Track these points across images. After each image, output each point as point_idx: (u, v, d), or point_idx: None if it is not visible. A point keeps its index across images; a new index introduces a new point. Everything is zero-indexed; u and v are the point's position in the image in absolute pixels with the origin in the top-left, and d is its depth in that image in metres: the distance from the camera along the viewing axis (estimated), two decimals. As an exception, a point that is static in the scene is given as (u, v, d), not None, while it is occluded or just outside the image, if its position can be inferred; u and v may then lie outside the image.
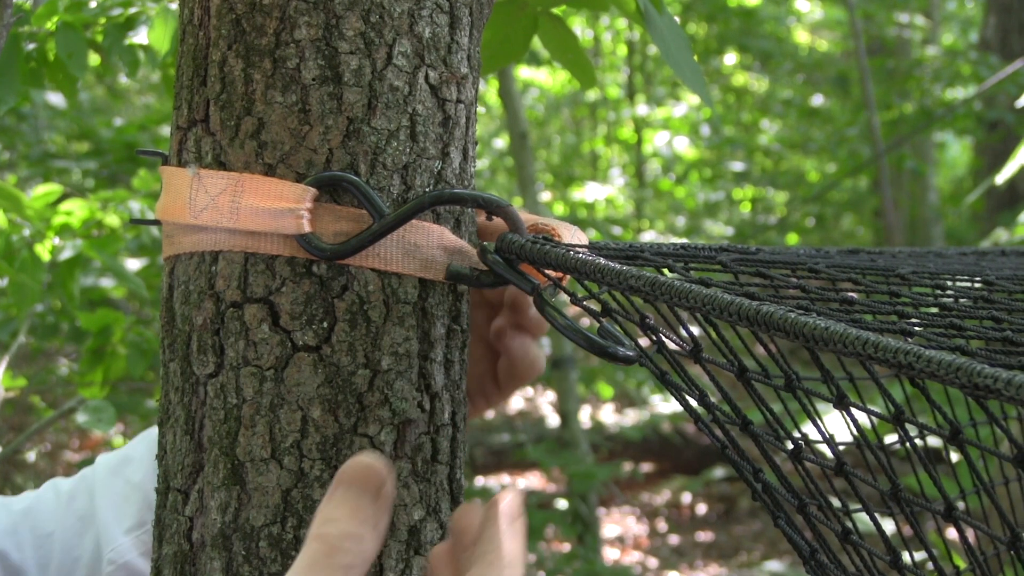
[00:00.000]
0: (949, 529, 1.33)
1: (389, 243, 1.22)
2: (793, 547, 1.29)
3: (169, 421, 1.28)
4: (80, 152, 7.09)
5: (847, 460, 1.16)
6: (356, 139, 1.22)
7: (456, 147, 1.30)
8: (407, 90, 1.25)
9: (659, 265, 1.21)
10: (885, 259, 1.55)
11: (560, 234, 1.31)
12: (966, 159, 16.07)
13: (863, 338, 0.94)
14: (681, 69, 1.77)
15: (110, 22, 2.65)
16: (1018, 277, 1.47)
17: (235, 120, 1.23)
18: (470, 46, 1.33)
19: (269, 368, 1.21)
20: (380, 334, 1.23)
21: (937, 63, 11.75)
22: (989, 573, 1.24)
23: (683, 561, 8.87)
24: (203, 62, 1.26)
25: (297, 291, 1.21)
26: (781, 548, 8.77)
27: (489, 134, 13.20)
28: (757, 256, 1.36)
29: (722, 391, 1.24)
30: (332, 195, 1.22)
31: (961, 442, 0.96)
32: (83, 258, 3.29)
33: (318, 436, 1.20)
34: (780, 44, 13.41)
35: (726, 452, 1.28)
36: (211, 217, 1.22)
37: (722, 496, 10.29)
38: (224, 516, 1.21)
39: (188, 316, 1.25)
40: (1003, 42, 10.58)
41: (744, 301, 1.03)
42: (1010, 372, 0.84)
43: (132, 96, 12.18)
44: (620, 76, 14.62)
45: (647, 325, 1.18)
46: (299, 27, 1.21)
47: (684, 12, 12.19)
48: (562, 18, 1.92)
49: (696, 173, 14.39)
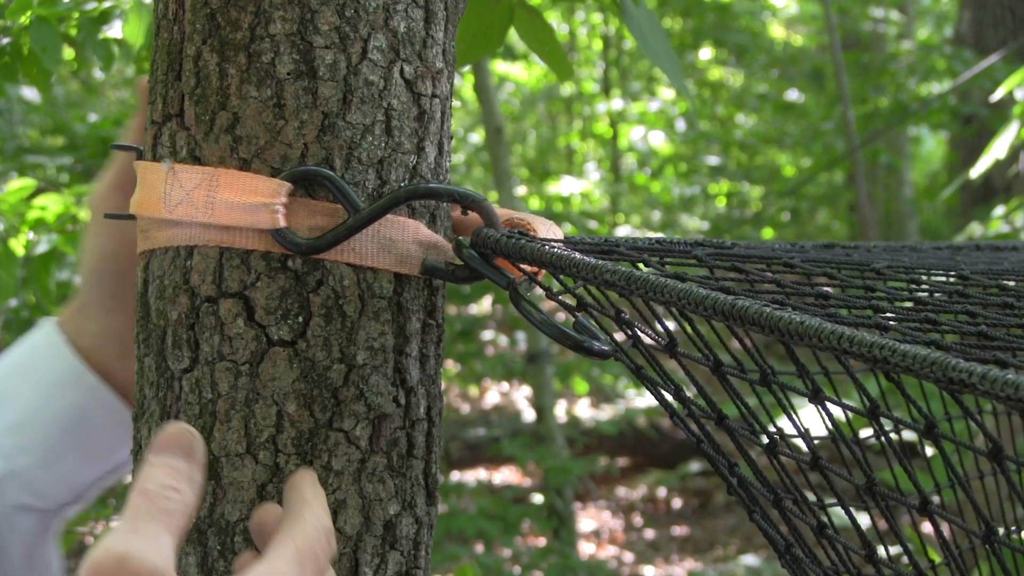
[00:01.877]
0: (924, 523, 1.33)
1: (364, 238, 1.22)
2: (769, 541, 1.30)
3: (144, 416, 1.28)
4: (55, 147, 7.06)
5: (822, 454, 1.16)
6: (331, 134, 1.22)
7: (431, 142, 1.30)
8: (382, 85, 1.25)
9: (634, 260, 1.21)
10: (860, 254, 1.55)
11: (535, 229, 1.31)
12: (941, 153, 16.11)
13: (838, 332, 0.94)
14: (658, 58, 1.77)
15: (84, 16, 2.64)
16: (992, 272, 1.47)
17: (210, 115, 1.22)
18: (445, 40, 1.33)
19: (244, 363, 1.21)
20: (355, 329, 1.23)
21: (912, 57, 11.78)
22: (964, 567, 1.24)
23: (658, 555, 8.89)
24: (178, 57, 1.26)
25: (272, 286, 1.21)
26: (756, 542, 8.79)
27: (464, 128, 13.20)
28: (732, 251, 1.36)
29: (697, 386, 1.24)
30: (307, 190, 1.22)
31: (936, 436, 0.96)
32: (58, 253, 3.28)
33: (293, 431, 1.20)
34: (755, 39, 13.42)
35: (701, 446, 1.28)
36: (186, 212, 1.21)
37: (697, 490, 10.31)
38: (199, 511, 1.21)
39: (163, 311, 1.25)
40: (977, 37, 10.60)
41: (719, 295, 1.04)
42: (985, 366, 0.84)
43: (107, 90, 12.15)
44: (596, 71, 14.63)
45: (622, 320, 1.18)
46: (274, 21, 1.21)
47: (660, 7, 12.19)
48: (538, 10, 1.92)
49: (671, 167, 14.41)
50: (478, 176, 13.13)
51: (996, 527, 1.03)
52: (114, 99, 12.30)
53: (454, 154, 1.40)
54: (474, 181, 12.90)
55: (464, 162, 13.08)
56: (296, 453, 1.20)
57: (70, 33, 2.69)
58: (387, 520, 1.25)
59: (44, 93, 2.76)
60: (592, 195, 13.33)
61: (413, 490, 1.28)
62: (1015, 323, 1.10)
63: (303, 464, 1.20)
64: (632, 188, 14.38)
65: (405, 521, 1.26)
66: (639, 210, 14.18)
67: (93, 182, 1.56)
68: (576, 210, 12.72)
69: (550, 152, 15.01)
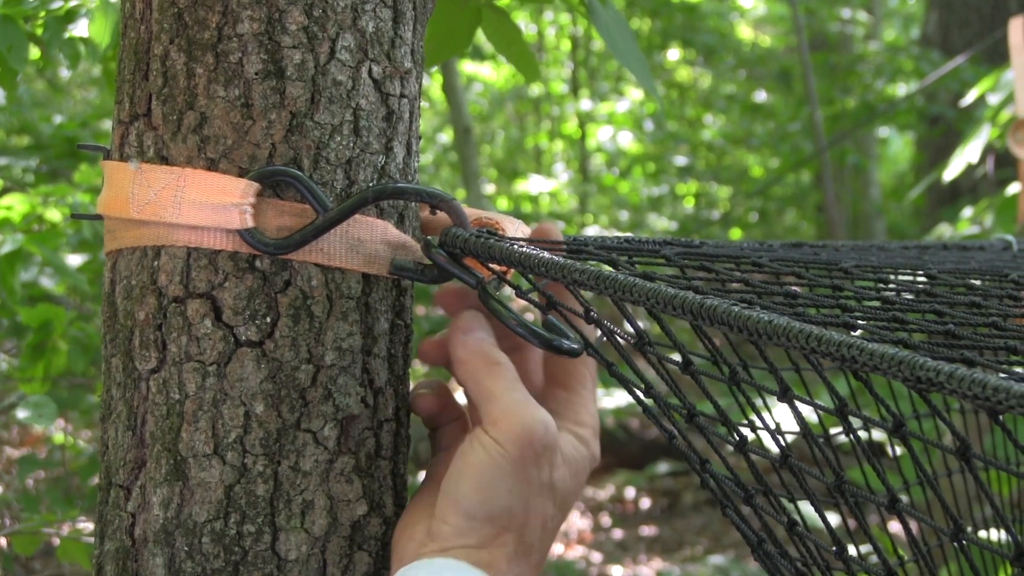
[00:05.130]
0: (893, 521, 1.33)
1: (332, 238, 1.22)
2: (742, 535, 1.30)
3: (111, 417, 1.28)
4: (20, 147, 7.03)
5: (792, 453, 1.16)
6: (299, 133, 1.22)
7: (400, 142, 1.30)
8: (350, 85, 1.25)
9: (603, 259, 1.21)
10: (828, 253, 1.56)
11: (504, 228, 1.31)
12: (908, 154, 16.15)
13: (806, 331, 0.94)
14: (626, 59, 1.78)
15: (50, 15, 2.63)
16: (960, 271, 1.48)
17: (177, 114, 1.22)
18: (414, 40, 1.33)
19: (212, 363, 1.20)
20: (323, 329, 1.22)
21: (879, 58, 11.81)
22: (932, 565, 1.24)
23: (627, 555, 8.88)
24: (145, 56, 1.26)
25: (240, 286, 1.20)
26: (725, 542, 8.80)
27: (433, 129, 13.18)
28: (701, 250, 1.36)
29: (668, 382, 1.24)
30: (275, 190, 1.22)
31: (904, 435, 0.97)
32: (24, 253, 3.27)
33: (261, 431, 1.20)
34: (723, 39, 13.44)
35: (674, 442, 1.28)
36: (153, 212, 1.21)
37: (666, 491, 10.31)
38: (166, 512, 1.21)
39: (130, 311, 1.25)
40: (944, 38, 10.63)
41: (688, 295, 1.04)
42: (952, 365, 0.84)
43: (73, 90, 12.10)
44: (564, 71, 14.63)
45: (592, 318, 1.18)
46: (242, 21, 1.21)
47: (628, 7, 12.20)
48: (506, 11, 1.92)
49: (640, 168, 14.41)
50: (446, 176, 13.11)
51: (964, 525, 1.03)
52: (80, 99, 12.25)
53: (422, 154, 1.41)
54: (442, 181, 12.89)
55: (432, 162, 13.07)
56: (264, 454, 1.20)
57: (36, 32, 2.68)
58: (355, 521, 1.25)
59: (10, 93, 2.75)
60: (561, 195, 13.32)
61: (381, 491, 1.28)
62: (982, 322, 1.11)
63: (270, 465, 1.20)
64: (600, 188, 14.37)
65: (373, 522, 1.26)
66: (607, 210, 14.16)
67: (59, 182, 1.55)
68: (545, 210, 12.72)
69: (518, 152, 14.99)
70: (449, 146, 12.62)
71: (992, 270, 1.54)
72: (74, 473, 4.30)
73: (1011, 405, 0.80)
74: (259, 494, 1.20)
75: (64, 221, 3.54)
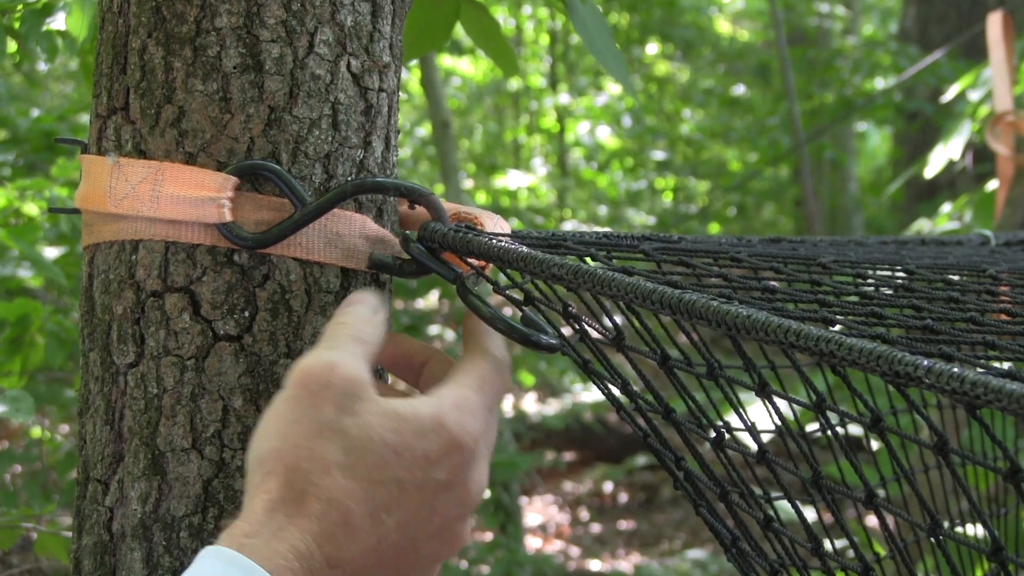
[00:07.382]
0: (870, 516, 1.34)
1: (311, 232, 1.22)
2: (715, 535, 1.30)
3: (89, 411, 1.27)
4: (-4, 140, 7.01)
5: (769, 448, 1.16)
6: (278, 128, 1.21)
7: (378, 136, 1.30)
8: (329, 79, 1.24)
9: (582, 254, 1.21)
10: (806, 248, 1.56)
11: (483, 223, 1.31)
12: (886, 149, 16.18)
13: (785, 326, 0.94)
14: (603, 56, 1.78)
15: (27, 8, 2.62)
16: (938, 266, 1.48)
17: (155, 108, 1.22)
18: (392, 34, 1.32)
19: (190, 358, 1.20)
20: (302, 323, 1.22)
21: (857, 53, 11.83)
22: (909, 560, 1.25)
23: (605, 549, 8.89)
24: (123, 50, 1.25)
25: (218, 280, 1.20)
26: (703, 536, 8.81)
27: (411, 123, 13.16)
28: (679, 245, 1.36)
29: (644, 380, 1.24)
30: (254, 184, 1.22)
31: (882, 430, 0.97)
32: (1, 247, 3.26)
33: (239, 426, 1.20)
34: (702, 34, 13.46)
35: (648, 441, 1.28)
36: (131, 206, 1.21)
37: (644, 485, 10.32)
38: (145, 506, 1.20)
39: (108, 305, 1.24)
40: (922, 33, 10.64)
41: (667, 289, 1.04)
42: (930, 360, 0.84)
43: (50, 84, 12.07)
44: (542, 65, 14.62)
45: (570, 313, 1.18)
46: (220, 15, 1.21)
47: (606, 2, 12.20)
48: (484, 5, 1.92)
49: (618, 162, 14.41)
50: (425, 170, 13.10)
51: (941, 520, 1.04)
52: (58, 92, 12.22)
53: (401, 148, 1.40)
54: (421, 175, 12.88)
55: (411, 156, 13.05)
56: (242, 448, 1.20)
57: (13, 25, 2.67)
58: (334, 515, 1.24)
59: (-13, 86, 2.74)
60: (539, 190, 13.32)
61: (360, 485, 1.27)
62: (960, 317, 1.11)
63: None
64: (579, 183, 14.37)
65: (352, 516, 1.26)
66: (586, 205, 14.16)
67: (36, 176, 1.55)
68: (523, 205, 12.71)
69: (497, 147, 14.98)
70: (428, 140, 12.60)
71: (970, 265, 1.54)
72: (52, 467, 4.28)
73: (989, 400, 0.80)
74: (238, 488, 1.20)
75: (42, 215, 3.54)
